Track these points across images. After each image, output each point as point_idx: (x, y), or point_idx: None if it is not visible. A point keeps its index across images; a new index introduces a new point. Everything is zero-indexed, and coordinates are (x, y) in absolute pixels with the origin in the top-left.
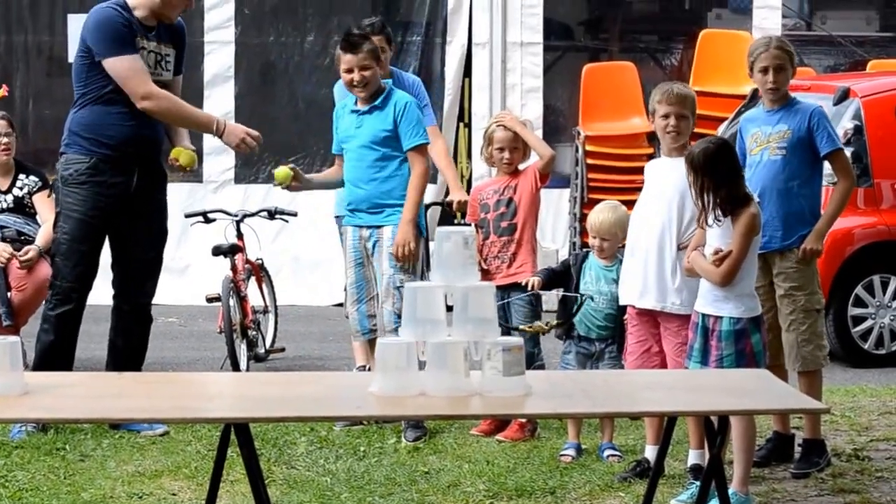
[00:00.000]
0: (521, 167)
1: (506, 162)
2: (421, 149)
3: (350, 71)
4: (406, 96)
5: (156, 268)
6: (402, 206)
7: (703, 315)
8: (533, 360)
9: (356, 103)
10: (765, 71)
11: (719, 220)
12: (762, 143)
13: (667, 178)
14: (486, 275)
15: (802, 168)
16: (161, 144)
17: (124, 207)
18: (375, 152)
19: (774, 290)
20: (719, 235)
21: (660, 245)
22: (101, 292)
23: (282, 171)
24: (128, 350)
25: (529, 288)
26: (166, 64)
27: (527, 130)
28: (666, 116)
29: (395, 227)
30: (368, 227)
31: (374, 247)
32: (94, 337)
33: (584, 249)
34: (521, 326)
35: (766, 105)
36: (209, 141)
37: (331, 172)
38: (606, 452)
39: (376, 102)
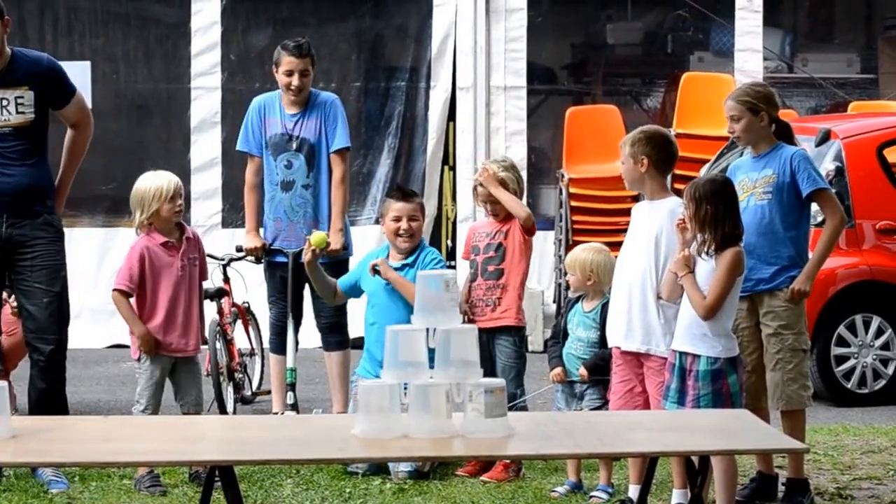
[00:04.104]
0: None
1: (491, 213)
2: None
3: (398, 220)
4: (433, 252)
5: (53, 315)
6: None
7: (681, 354)
8: (514, 400)
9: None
10: (728, 120)
11: (710, 254)
12: (749, 189)
13: (646, 220)
14: (472, 317)
15: (789, 212)
16: (31, 189)
17: (4, 258)
18: None
19: (759, 332)
20: (707, 273)
21: (642, 287)
22: (92, 335)
23: (318, 235)
24: (40, 402)
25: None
26: (18, 106)
27: (500, 190)
28: (623, 163)
29: None
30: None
31: None
32: (83, 380)
33: (577, 296)
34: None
35: (751, 151)
36: (197, 185)
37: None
38: (592, 493)
39: (410, 260)
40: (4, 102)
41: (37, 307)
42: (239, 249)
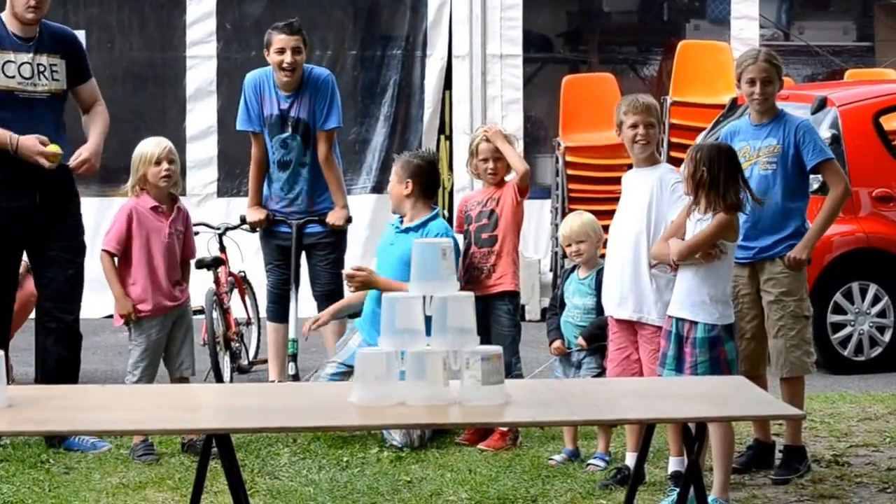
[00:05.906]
0: (507, 178)
1: (490, 172)
2: None
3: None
4: (441, 224)
5: (76, 285)
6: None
7: (678, 321)
8: (511, 369)
9: (401, 221)
10: (751, 82)
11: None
12: (751, 157)
13: (638, 188)
14: (468, 284)
15: (793, 181)
16: (63, 159)
17: (32, 229)
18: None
19: (760, 299)
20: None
21: (635, 256)
22: (89, 305)
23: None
24: (58, 369)
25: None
26: (53, 74)
27: (506, 144)
28: (634, 126)
29: None
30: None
31: None
32: (85, 350)
33: (572, 265)
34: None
35: (753, 118)
36: (192, 154)
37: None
38: (589, 461)
39: (414, 225)
40: (41, 68)
41: (61, 277)
42: (243, 220)
